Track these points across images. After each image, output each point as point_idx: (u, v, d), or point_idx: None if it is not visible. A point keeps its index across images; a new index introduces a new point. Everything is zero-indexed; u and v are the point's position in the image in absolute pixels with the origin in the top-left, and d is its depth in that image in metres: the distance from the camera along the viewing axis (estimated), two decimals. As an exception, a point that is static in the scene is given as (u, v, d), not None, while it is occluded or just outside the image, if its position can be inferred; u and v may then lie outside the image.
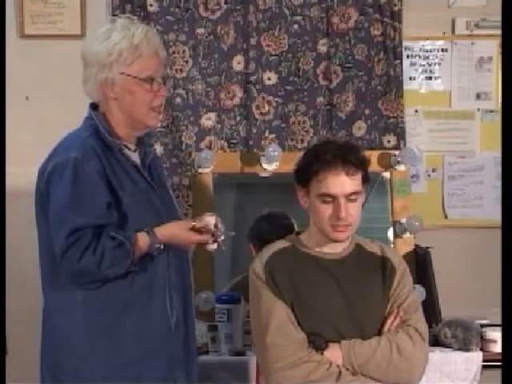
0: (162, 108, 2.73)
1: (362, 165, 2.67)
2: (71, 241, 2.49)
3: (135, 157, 2.70)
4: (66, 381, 2.60)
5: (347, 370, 2.62)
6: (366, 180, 2.70)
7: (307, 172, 2.68)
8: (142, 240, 2.55)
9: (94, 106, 2.69)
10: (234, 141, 4.18)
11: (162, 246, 2.60)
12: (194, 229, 2.61)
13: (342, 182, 2.63)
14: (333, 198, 2.64)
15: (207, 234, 2.63)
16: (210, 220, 2.64)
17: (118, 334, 2.57)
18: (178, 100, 4.15)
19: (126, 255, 2.52)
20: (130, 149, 2.69)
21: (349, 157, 2.64)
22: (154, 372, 2.61)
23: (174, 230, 2.61)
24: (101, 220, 2.53)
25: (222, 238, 2.68)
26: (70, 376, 2.59)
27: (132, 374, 2.57)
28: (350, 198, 2.64)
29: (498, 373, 2.80)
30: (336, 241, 2.69)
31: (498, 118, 4.21)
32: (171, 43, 4.14)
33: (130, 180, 2.62)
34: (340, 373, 2.60)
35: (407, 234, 3.92)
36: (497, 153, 4.12)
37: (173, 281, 2.66)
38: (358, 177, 2.66)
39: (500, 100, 4.21)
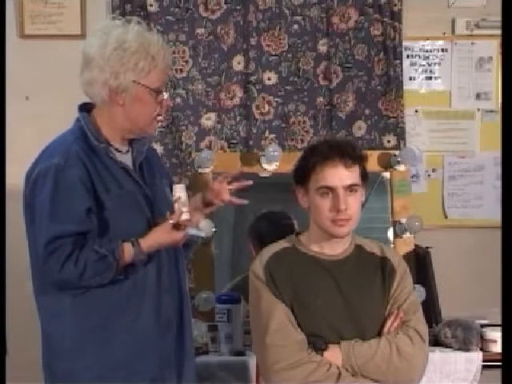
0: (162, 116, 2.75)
1: (359, 158, 2.68)
2: (50, 249, 2.49)
3: (126, 158, 2.68)
4: (56, 381, 2.61)
5: (347, 370, 2.62)
6: (364, 176, 2.70)
7: (305, 168, 2.68)
8: (127, 251, 2.54)
9: (84, 107, 2.68)
10: (234, 141, 4.18)
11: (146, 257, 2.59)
12: (175, 226, 2.58)
13: (340, 174, 2.63)
14: (331, 191, 2.64)
15: (188, 224, 2.61)
16: (180, 192, 2.62)
17: (107, 336, 2.57)
18: (178, 100, 4.15)
19: (109, 268, 2.52)
20: (120, 150, 2.67)
21: (346, 149, 2.66)
22: (143, 374, 2.60)
23: (157, 238, 2.58)
24: (80, 227, 2.51)
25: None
26: (60, 377, 2.60)
27: (121, 376, 2.57)
28: (348, 190, 2.64)
29: (498, 373, 2.80)
30: (336, 236, 2.68)
31: (498, 118, 4.21)
32: (171, 43, 4.14)
33: (117, 183, 2.60)
34: (340, 374, 2.60)
35: (407, 234, 3.91)
36: (497, 153, 4.12)
37: (164, 283, 2.65)
38: (356, 169, 2.66)
39: (500, 100, 4.21)
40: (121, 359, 2.58)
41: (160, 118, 2.70)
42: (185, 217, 2.59)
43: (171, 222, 2.57)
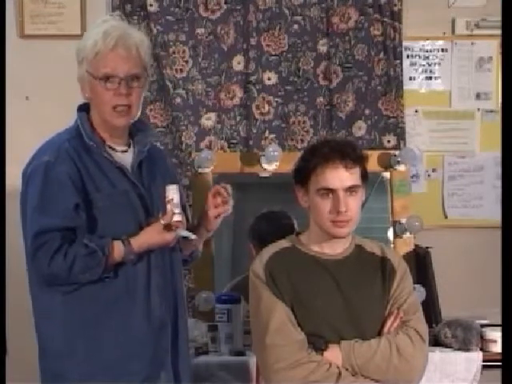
0: (135, 108, 2.65)
1: (359, 159, 2.67)
2: (38, 243, 2.51)
3: (125, 157, 2.69)
4: (47, 381, 2.62)
5: (347, 370, 2.62)
6: (365, 176, 2.70)
7: (305, 169, 2.68)
8: (117, 250, 2.55)
9: (84, 107, 2.70)
10: (234, 141, 4.18)
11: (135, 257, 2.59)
12: (166, 227, 2.59)
13: (341, 176, 2.63)
14: (332, 192, 2.63)
15: (180, 226, 2.61)
16: (172, 193, 2.61)
17: (97, 335, 2.58)
18: (178, 100, 4.15)
19: (98, 263, 2.53)
20: (114, 148, 2.68)
21: (346, 150, 2.65)
22: (134, 374, 2.60)
23: (148, 238, 2.59)
24: (67, 222, 2.53)
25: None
26: (51, 376, 2.61)
27: (112, 376, 2.57)
28: (349, 191, 2.64)
29: (497, 373, 2.80)
30: (337, 237, 2.68)
31: (498, 118, 4.21)
32: (171, 43, 4.14)
33: (109, 182, 2.61)
34: (340, 373, 2.60)
35: (407, 234, 3.91)
36: (497, 153, 4.12)
37: (158, 283, 2.65)
38: (357, 171, 2.66)
39: (500, 100, 4.21)
40: (111, 359, 2.58)
41: (121, 107, 2.62)
42: (176, 218, 2.59)
43: (162, 222, 2.58)
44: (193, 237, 2.69)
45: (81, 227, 2.55)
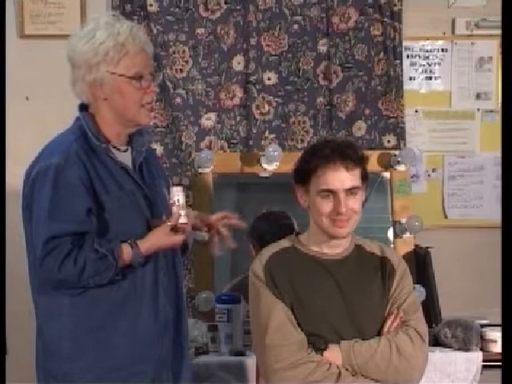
0: (153, 104, 2.71)
1: (360, 160, 2.68)
2: (49, 248, 2.49)
3: (125, 157, 2.68)
4: (51, 382, 2.60)
5: (347, 370, 2.62)
6: (365, 177, 2.70)
7: (306, 169, 2.68)
8: (126, 253, 2.54)
9: (84, 106, 2.68)
10: (234, 141, 4.18)
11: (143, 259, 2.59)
12: (173, 229, 2.58)
13: (341, 177, 2.63)
14: (332, 194, 2.64)
15: (187, 226, 2.61)
16: (177, 195, 2.61)
17: (106, 337, 2.57)
18: (178, 100, 4.15)
19: (109, 268, 2.52)
20: (119, 149, 2.67)
21: (347, 151, 2.65)
22: (142, 374, 2.60)
23: (155, 240, 2.58)
24: (80, 227, 2.51)
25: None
26: (58, 379, 2.59)
27: (120, 377, 2.57)
28: (349, 192, 2.64)
29: (497, 373, 2.80)
30: (336, 237, 2.68)
31: (498, 118, 4.21)
32: (171, 43, 4.14)
33: (116, 183, 2.60)
34: (340, 373, 2.60)
35: (407, 234, 3.91)
36: (497, 153, 4.12)
37: (163, 283, 2.65)
38: (357, 172, 2.66)
39: (500, 100, 4.21)
40: (120, 360, 2.57)
41: (149, 105, 2.66)
42: (183, 220, 2.59)
43: (169, 224, 2.58)
44: (198, 238, 2.69)
45: (91, 231, 2.53)
